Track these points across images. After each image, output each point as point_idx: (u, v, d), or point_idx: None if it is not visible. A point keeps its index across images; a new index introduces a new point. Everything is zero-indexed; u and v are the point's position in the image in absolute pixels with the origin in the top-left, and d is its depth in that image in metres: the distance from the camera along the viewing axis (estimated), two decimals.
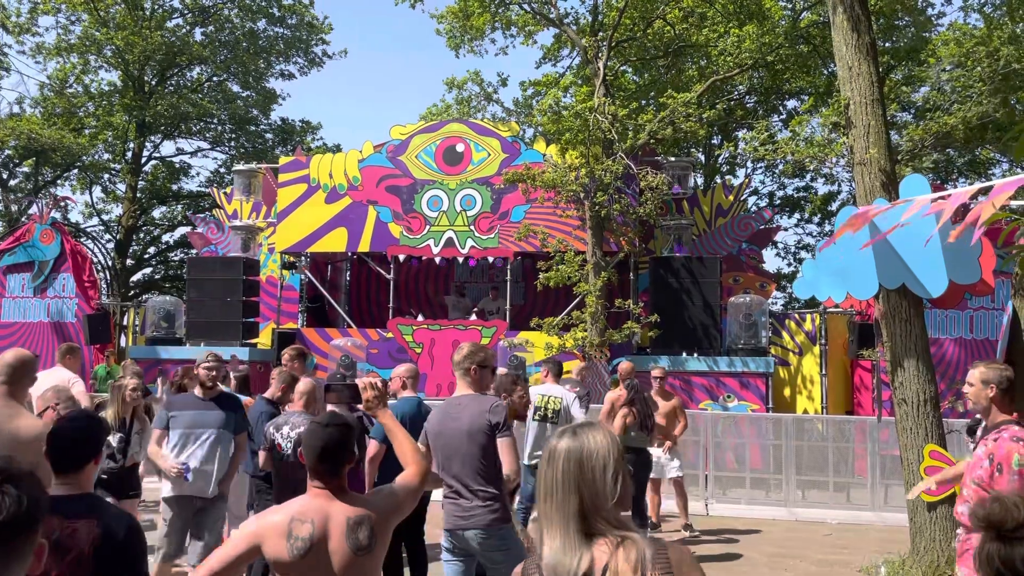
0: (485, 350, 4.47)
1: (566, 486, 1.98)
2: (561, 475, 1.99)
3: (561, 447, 2.03)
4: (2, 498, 1.46)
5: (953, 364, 13.02)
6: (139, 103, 24.48)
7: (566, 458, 2.00)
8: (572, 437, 2.03)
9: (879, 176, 7.38)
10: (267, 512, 2.80)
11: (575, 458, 2.00)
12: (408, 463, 2.96)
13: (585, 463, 1.99)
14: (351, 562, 2.63)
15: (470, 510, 4.11)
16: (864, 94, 7.55)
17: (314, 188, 14.48)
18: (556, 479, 1.99)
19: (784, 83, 19.08)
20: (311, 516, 2.65)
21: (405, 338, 13.83)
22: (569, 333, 12.60)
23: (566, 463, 2.00)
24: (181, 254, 27.30)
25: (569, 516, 1.95)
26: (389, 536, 2.79)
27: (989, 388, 4.17)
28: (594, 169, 12.68)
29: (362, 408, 3.10)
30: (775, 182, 27.30)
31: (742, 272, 15.08)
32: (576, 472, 1.98)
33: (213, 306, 13.71)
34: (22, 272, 15.08)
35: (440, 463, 4.22)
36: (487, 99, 15.28)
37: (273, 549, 2.62)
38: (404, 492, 2.87)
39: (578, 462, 2.00)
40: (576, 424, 2.13)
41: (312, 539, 2.61)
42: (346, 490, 2.76)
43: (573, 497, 1.97)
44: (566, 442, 2.03)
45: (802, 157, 8.94)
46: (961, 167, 22.87)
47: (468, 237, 14.08)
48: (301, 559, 2.60)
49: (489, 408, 4.20)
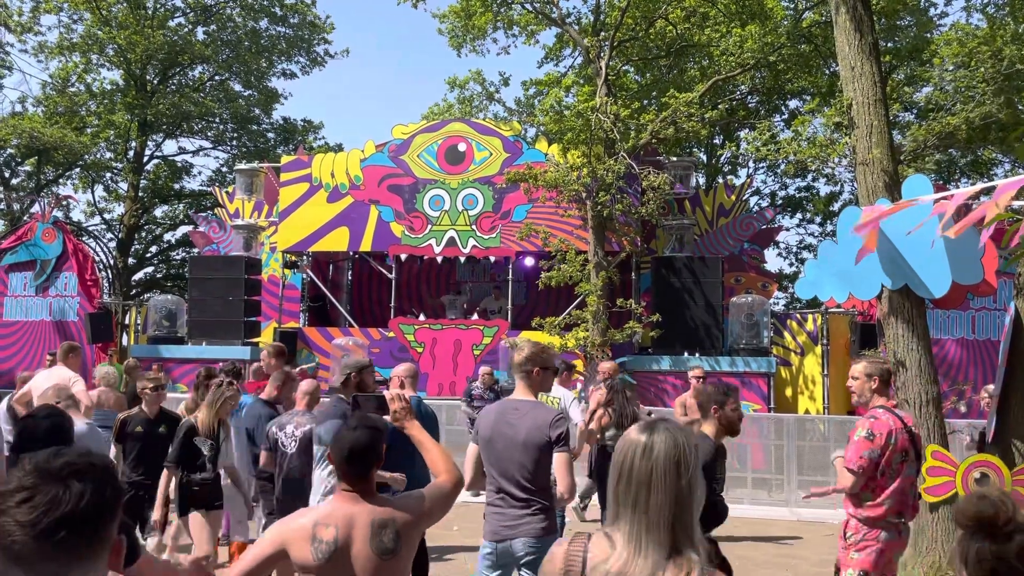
0: (547, 351, 4.22)
1: (662, 489, 1.76)
2: (662, 475, 1.77)
3: (659, 442, 1.80)
4: (64, 492, 1.37)
5: (955, 365, 13.01)
6: (141, 102, 24.49)
7: (666, 456, 1.79)
8: (667, 433, 1.82)
9: (882, 176, 7.37)
10: (293, 516, 2.79)
11: (674, 458, 1.79)
12: (440, 472, 2.92)
13: (683, 465, 1.79)
14: (376, 566, 2.61)
15: (519, 519, 3.92)
16: (867, 94, 7.54)
17: (316, 187, 14.49)
18: (653, 478, 1.77)
19: (786, 83, 19.05)
20: (335, 520, 2.64)
21: (407, 337, 13.83)
22: (571, 333, 12.59)
23: (667, 462, 1.78)
24: (183, 253, 27.33)
25: (658, 524, 1.75)
26: (416, 541, 2.77)
27: (872, 380, 4.53)
28: (596, 169, 12.67)
29: (389, 420, 3.09)
30: (777, 182, 27.31)
31: (744, 272, 15.08)
32: (674, 475, 1.77)
33: (215, 305, 13.72)
34: (24, 271, 15.10)
35: (488, 468, 4.02)
36: (489, 98, 15.30)
37: (298, 553, 2.62)
38: (434, 499, 2.84)
39: (676, 463, 1.78)
40: (660, 418, 1.93)
41: (336, 543, 2.60)
42: (374, 492, 2.75)
43: (667, 503, 1.76)
44: (663, 437, 1.81)
45: (804, 157, 8.93)
46: (963, 168, 22.85)
47: (470, 237, 14.08)
48: (326, 563, 2.59)
49: (551, 421, 3.94)
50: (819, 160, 8.78)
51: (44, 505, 1.34)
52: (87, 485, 1.38)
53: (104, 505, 1.39)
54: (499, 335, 13.59)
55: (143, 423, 6.24)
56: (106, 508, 1.40)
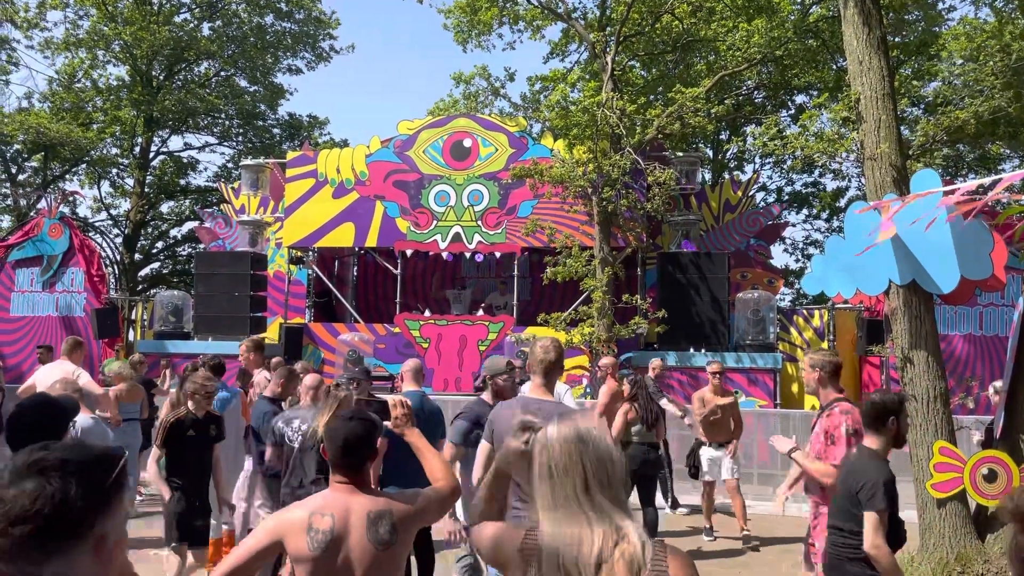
0: (559, 348, 4.14)
1: (569, 463, 1.92)
2: (560, 454, 1.93)
3: (553, 432, 1.98)
4: (23, 491, 1.33)
5: (963, 360, 12.96)
6: (147, 98, 24.52)
7: (564, 439, 1.95)
8: (562, 422, 1.99)
9: (890, 171, 7.32)
10: (288, 507, 2.80)
11: (573, 437, 1.95)
12: (437, 480, 2.93)
13: (586, 439, 1.95)
14: (372, 557, 2.62)
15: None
16: (875, 88, 7.49)
17: (321, 183, 14.48)
18: (554, 459, 1.93)
19: (793, 78, 18.98)
20: (331, 510, 2.64)
21: (412, 333, 13.83)
22: (576, 328, 12.57)
23: (564, 443, 1.94)
24: (189, 249, 27.38)
25: (573, 494, 1.90)
26: (412, 535, 2.78)
27: (816, 371, 4.79)
28: (602, 164, 12.64)
29: (390, 425, 3.09)
30: (783, 178, 27.23)
31: (750, 268, 15.04)
32: (579, 448, 1.93)
33: (221, 300, 13.74)
34: (31, 266, 15.13)
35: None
36: (494, 94, 15.26)
37: (294, 544, 2.62)
38: (430, 500, 2.84)
39: (578, 438, 1.95)
40: (558, 414, 2.07)
41: (333, 533, 2.61)
42: (368, 484, 2.76)
43: (578, 474, 1.91)
44: (555, 428, 1.98)
45: (811, 152, 8.88)
46: (972, 163, 22.75)
47: (475, 232, 14.06)
48: (322, 553, 2.59)
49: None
50: (826, 155, 8.73)
51: (8, 503, 1.33)
52: (49, 483, 1.34)
53: (66, 502, 1.34)
54: (504, 331, 13.58)
55: (193, 424, 5.82)
56: (72, 505, 1.35)
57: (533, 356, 4.06)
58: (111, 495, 1.42)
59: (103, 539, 1.39)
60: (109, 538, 1.40)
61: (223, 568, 2.60)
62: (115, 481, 1.43)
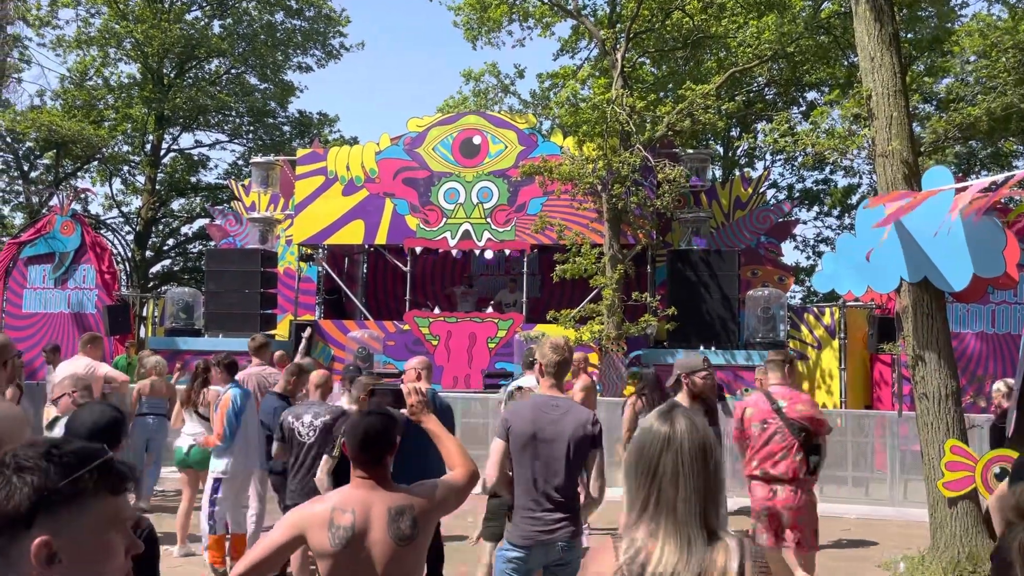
0: (569, 347, 4.11)
1: (692, 477, 1.72)
2: (688, 464, 1.72)
3: (681, 430, 1.75)
4: None
5: (975, 359, 12.87)
6: (158, 96, 24.62)
7: (691, 443, 1.74)
8: (687, 420, 1.78)
9: (901, 168, 7.28)
10: (309, 503, 2.82)
11: (699, 445, 1.75)
12: (455, 465, 2.94)
13: (708, 452, 1.75)
14: (393, 552, 2.63)
15: (557, 523, 3.78)
16: (887, 85, 7.45)
17: (331, 180, 14.51)
18: (681, 468, 1.72)
19: (804, 75, 18.90)
20: (352, 506, 2.66)
21: (422, 330, 13.84)
22: (586, 326, 12.56)
23: (693, 450, 1.74)
24: (200, 246, 27.48)
25: (695, 515, 1.71)
26: (432, 528, 2.79)
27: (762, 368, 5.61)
28: (611, 161, 12.61)
29: (406, 413, 3.10)
30: (794, 175, 27.12)
31: (760, 265, 14.98)
32: (701, 462, 1.73)
33: (231, 297, 13.77)
34: (43, 263, 15.20)
35: (520, 469, 3.86)
36: (504, 91, 15.25)
37: (316, 539, 2.63)
38: (449, 490, 2.85)
39: (702, 450, 1.75)
40: (674, 404, 1.87)
41: (354, 529, 2.62)
42: (389, 480, 2.77)
43: (697, 491, 1.72)
44: (684, 425, 1.76)
45: (823, 149, 8.84)
46: (984, 159, 22.59)
47: (485, 229, 14.06)
48: (343, 549, 2.61)
49: (593, 419, 3.86)
50: (837, 152, 8.69)
51: None
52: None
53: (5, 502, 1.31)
54: (514, 328, 13.58)
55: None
56: (9, 507, 1.30)
57: (543, 355, 4.02)
58: (65, 497, 1.33)
59: (45, 544, 1.31)
60: (55, 543, 1.31)
61: (246, 562, 2.62)
62: (72, 483, 1.34)
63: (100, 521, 1.37)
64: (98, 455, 1.40)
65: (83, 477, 1.35)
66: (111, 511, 1.39)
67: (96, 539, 1.37)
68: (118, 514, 1.41)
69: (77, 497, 1.34)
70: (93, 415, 2.78)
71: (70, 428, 2.74)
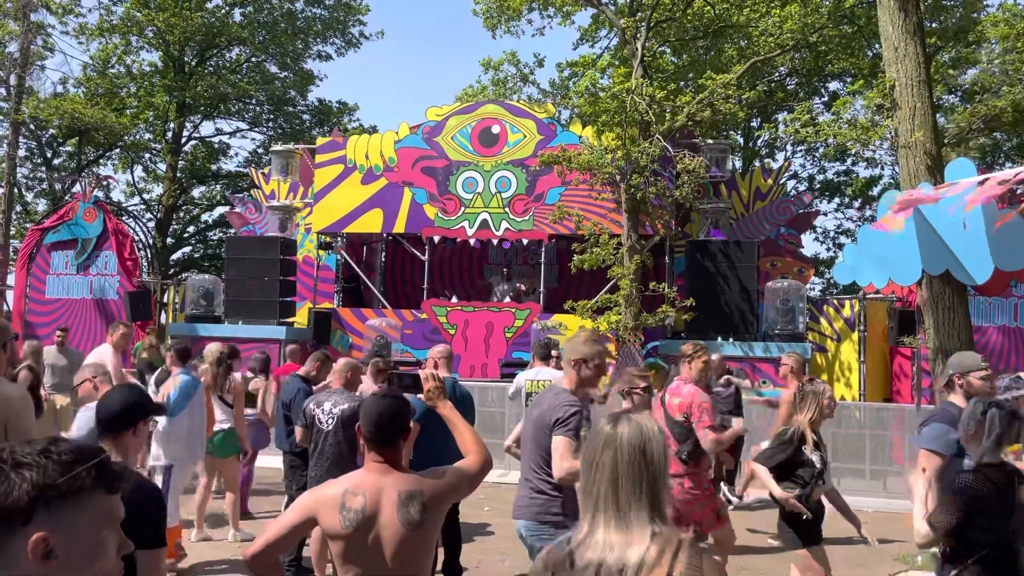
0: (586, 344, 4.08)
1: (633, 473, 1.90)
2: (627, 462, 1.91)
3: (623, 431, 1.95)
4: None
5: (996, 352, 12.76)
6: (179, 84, 24.78)
7: (630, 443, 1.93)
8: (629, 423, 1.97)
9: (924, 159, 7.22)
10: (323, 485, 2.85)
11: (637, 444, 1.93)
12: (469, 452, 2.96)
13: (647, 450, 1.93)
14: (403, 536, 2.66)
15: (526, 500, 3.98)
16: (910, 75, 7.38)
17: (350, 169, 14.56)
18: (621, 464, 1.91)
19: (827, 64, 18.70)
20: (364, 489, 2.69)
21: (439, 319, 13.89)
22: (603, 316, 12.55)
23: (632, 450, 1.93)
24: (220, 233, 27.67)
25: (633, 506, 1.88)
26: (443, 513, 2.81)
27: None
28: (630, 151, 12.56)
29: (422, 398, 3.12)
30: (815, 166, 26.90)
31: (780, 257, 14.89)
32: (640, 459, 1.92)
33: (251, 285, 13.87)
34: (66, 249, 15.39)
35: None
36: (523, 80, 15.21)
37: (328, 521, 2.67)
38: (461, 476, 2.87)
39: (641, 449, 1.93)
40: (624, 411, 2.06)
41: (364, 512, 2.65)
42: (400, 464, 2.80)
43: (639, 486, 1.89)
44: (625, 427, 1.96)
45: (845, 140, 8.77)
46: (1008, 151, 22.30)
47: (503, 219, 14.06)
48: (354, 531, 2.64)
49: (558, 405, 3.90)
50: (860, 143, 8.62)
51: None
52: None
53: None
54: (531, 318, 13.59)
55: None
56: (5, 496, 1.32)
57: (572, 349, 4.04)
58: (63, 494, 1.35)
59: (43, 540, 1.32)
60: (52, 540, 1.33)
61: (260, 541, 2.67)
62: (70, 480, 1.35)
63: (96, 518, 1.39)
64: (95, 453, 1.42)
65: (81, 474, 1.37)
66: (106, 509, 1.41)
67: (91, 536, 1.39)
68: (112, 512, 1.43)
69: (75, 494, 1.36)
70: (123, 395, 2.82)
71: (100, 408, 2.78)
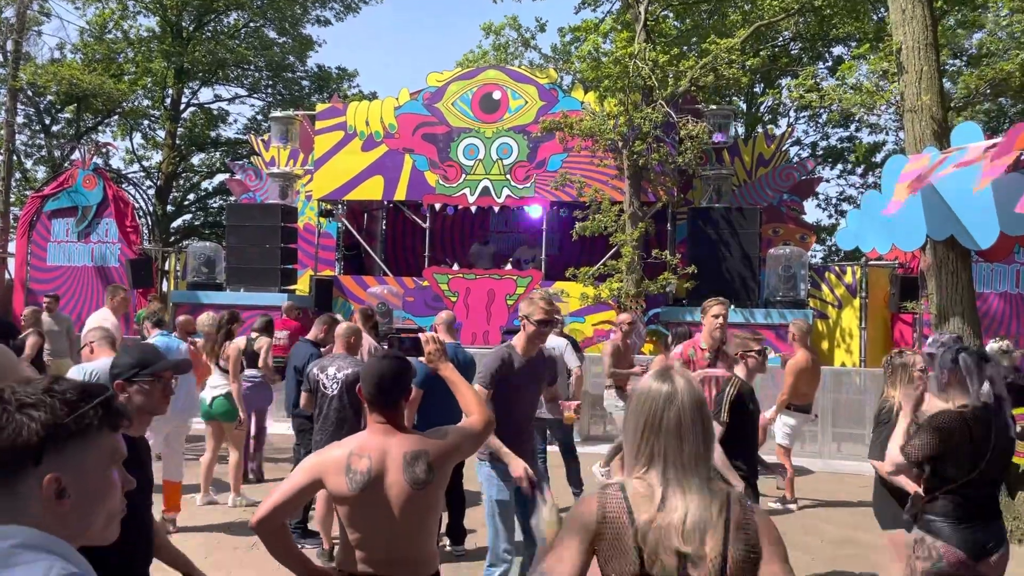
0: (524, 301, 4.56)
1: (697, 430, 1.91)
2: (690, 419, 1.91)
3: (681, 388, 1.94)
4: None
5: (998, 319, 12.77)
6: (177, 49, 24.52)
7: (692, 400, 1.93)
8: (682, 379, 1.97)
9: (930, 124, 7.16)
10: (328, 447, 2.87)
11: (695, 400, 1.94)
12: (471, 412, 2.98)
13: (704, 407, 1.95)
14: (409, 496, 2.69)
15: None
16: (917, 38, 7.29)
17: (350, 136, 14.46)
18: (684, 422, 1.90)
19: (831, 29, 18.46)
20: (369, 451, 2.71)
21: (441, 286, 13.89)
22: (605, 283, 12.54)
23: (694, 406, 1.93)
24: (220, 201, 27.58)
25: (695, 467, 1.89)
26: (448, 472, 2.84)
27: None
28: (633, 117, 12.46)
29: (423, 361, 3.13)
30: (818, 132, 26.69)
31: (782, 223, 14.84)
32: (698, 416, 1.92)
33: (252, 252, 13.85)
34: (66, 217, 15.35)
35: None
36: (525, 45, 15.05)
37: (334, 483, 2.70)
38: (464, 435, 2.90)
39: (699, 405, 1.94)
40: (670, 366, 2.06)
41: (370, 473, 2.67)
42: (403, 426, 2.82)
43: (701, 441, 1.91)
44: (681, 383, 1.95)
45: (850, 105, 8.68)
46: (1015, 116, 22.10)
47: (504, 186, 13.99)
48: (360, 493, 2.67)
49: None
50: (864, 108, 8.53)
51: None
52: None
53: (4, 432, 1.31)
54: (532, 285, 13.59)
55: None
56: (12, 435, 1.30)
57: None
58: (71, 433, 1.34)
59: (56, 479, 1.32)
60: (63, 481, 1.32)
61: (267, 505, 2.69)
62: (78, 418, 1.35)
63: (102, 457, 1.39)
64: (100, 391, 1.42)
65: (88, 412, 1.36)
66: (111, 447, 1.41)
67: (99, 474, 1.39)
68: (117, 450, 1.43)
69: (82, 432, 1.35)
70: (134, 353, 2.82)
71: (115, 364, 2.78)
